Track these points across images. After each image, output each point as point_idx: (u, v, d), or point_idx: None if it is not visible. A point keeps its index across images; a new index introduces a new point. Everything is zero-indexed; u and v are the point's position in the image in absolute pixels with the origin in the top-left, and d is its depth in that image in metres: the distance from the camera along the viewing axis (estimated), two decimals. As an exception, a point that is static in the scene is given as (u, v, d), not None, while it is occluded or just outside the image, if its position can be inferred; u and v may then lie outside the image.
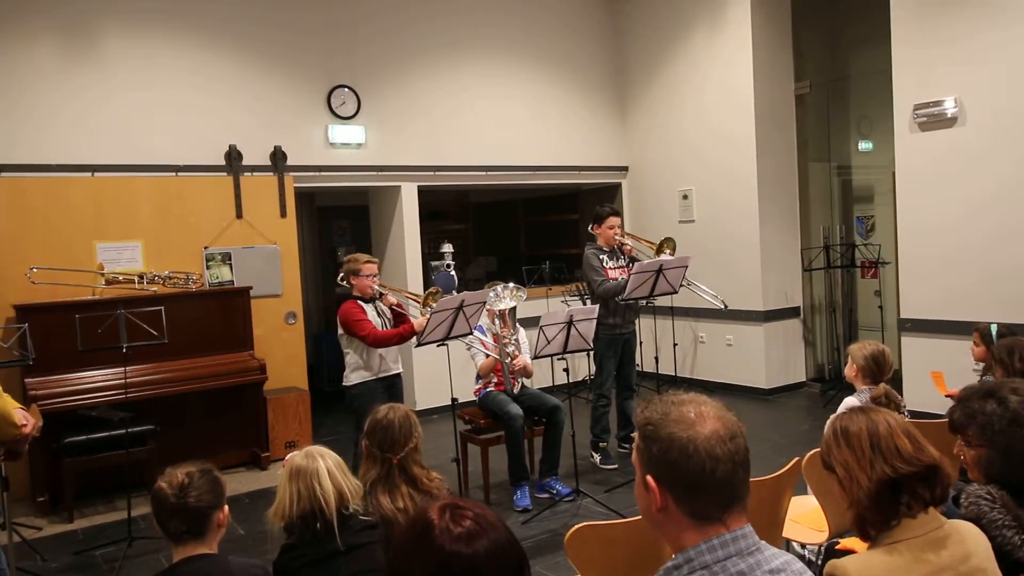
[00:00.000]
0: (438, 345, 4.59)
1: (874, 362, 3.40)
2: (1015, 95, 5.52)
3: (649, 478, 1.36)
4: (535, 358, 4.94)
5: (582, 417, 5.91)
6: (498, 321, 5.10)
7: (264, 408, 6.09)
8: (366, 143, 7.21)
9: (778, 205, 7.63)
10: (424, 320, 4.57)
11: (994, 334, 4.10)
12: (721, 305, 6.23)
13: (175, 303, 5.73)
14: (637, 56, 8.58)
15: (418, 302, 4.97)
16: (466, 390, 5.32)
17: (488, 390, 5.13)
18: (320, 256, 9.68)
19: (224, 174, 6.48)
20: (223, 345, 6.00)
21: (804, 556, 3.11)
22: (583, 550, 2.39)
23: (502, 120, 7.99)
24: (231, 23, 6.56)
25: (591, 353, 5.43)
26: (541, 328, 4.62)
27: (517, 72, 8.12)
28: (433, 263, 7.75)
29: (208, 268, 6.28)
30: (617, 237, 5.75)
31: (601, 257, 5.68)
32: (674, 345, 7.99)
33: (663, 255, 5.78)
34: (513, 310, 5.15)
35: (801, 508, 3.26)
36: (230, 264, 6.36)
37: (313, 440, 6.18)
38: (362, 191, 8.05)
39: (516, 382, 5.15)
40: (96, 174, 5.95)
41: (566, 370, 5.13)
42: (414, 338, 4.71)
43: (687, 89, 8.01)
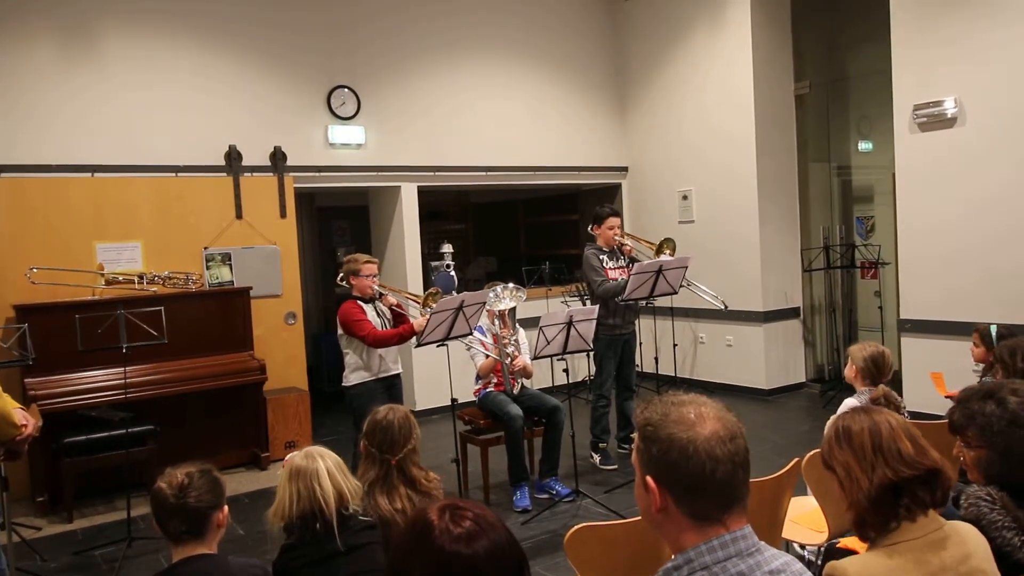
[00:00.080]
0: (438, 345, 4.59)
1: (873, 363, 3.40)
2: (1015, 95, 5.52)
3: (649, 479, 1.36)
4: (535, 358, 4.94)
5: (582, 418, 5.90)
6: (498, 321, 5.10)
7: (264, 408, 6.10)
8: (366, 143, 7.21)
9: (778, 205, 7.63)
10: (424, 320, 4.56)
11: (994, 335, 4.11)
12: (721, 305, 6.22)
13: (175, 303, 5.73)
14: (637, 56, 8.58)
15: (418, 302, 4.97)
16: (466, 390, 5.31)
17: (488, 390, 5.13)
18: (320, 256, 9.67)
19: (224, 174, 6.48)
20: (223, 345, 6.01)
21: (804, 557, 3.11)
22: (583, 551, 2.39)
23: (502, 120, 7.99)
24: (231, 23, 6.56)
25: (591, 354, 5.43)
26: (541, 328, 4.62)
27: (517, 72, 8.12)
28: (433, 263, 7.74)
29: (208, 268, 6.28)
30: (617, 237, 5.75)
31: (601, 257, 5.68)
32: (674, 346, 7.99)
33: (663, 255, 5.78)
34: (513, 310, 5.15)
35: (801, 509, 3.26)
36: (230, 264, 6.36)
37: (313, 440, 6.18)
38: (362, 191, 8.05)
39: (516, 383, 5.15)
40: (96, 174, 5.95)
41: (566, 371, 5.13)
42: (414, 338, 4.70)
43: (687, 89, 8.01)
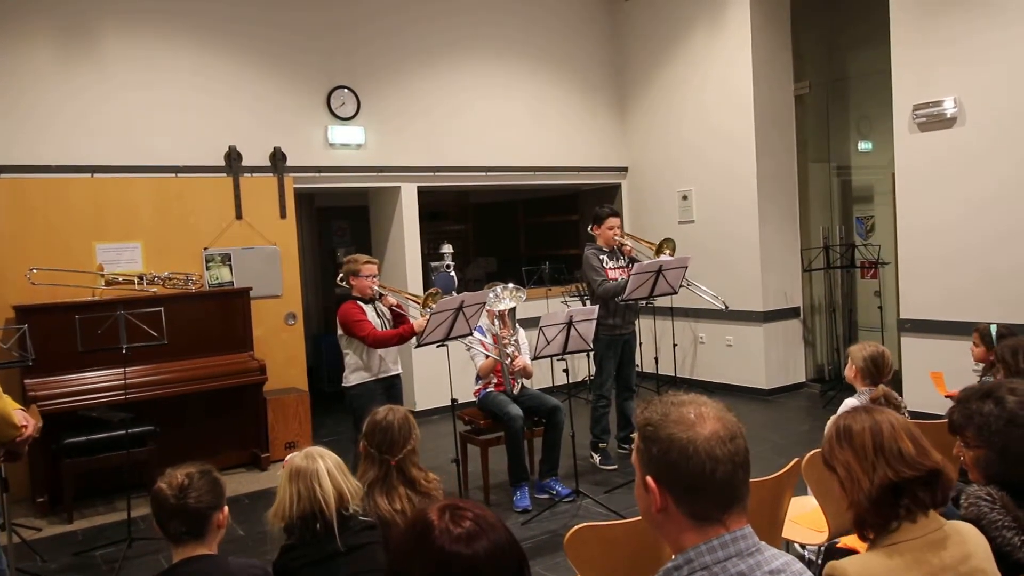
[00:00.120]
0: (438, 346, 4.59)
1: (873, 364, 3.40)
2: (1015, 95, 5.52)
3: (649, 479, 1.36)
4: (535, 359, 4.94)
5: (582, 418, 5.90)
6: (498, 322, 5.10)
7: (264, 409, 6.09)
8: (366, 144, 7.21)
9: (778, 205, 7.63)
10: (424, 321, 4.56)
11: (994, 334, 4.11)
12: (722, 306, 6.22)
13: (175, 304, 5.73)
14: (637, 56, 8.58)
15: (418, 303, 4.97)
16: (466, 391, 5.31)
17: (488, 391, 5.12)
18: (320, 257, 9.67)
19: (224, 175, 6.47)
20: (223, 346, 6.01)
21: (804, 556, 3.11)
22: (583, 551, 2.39)
23: (502, 120, 8.00)
24: (231, 23, 6.56)
25: (591, 354, 5.43)
26: (541, 329, 4.62)
27: (517, 72, 8.12)
28: (433, 264, 7.74)
29: (208, 269, 6.27)
30: (617, 238, 5.75)
31: (601, 257, 5.68)
32: (674, 346, 7.99)
33: (663, 256, 5.77)
34: (513, 311, 5.15)
35: (801, 508, 3.26)
36: (230, 265, 6.36)
37: (313, 441, 6.18)
38: (362, 192, 8.05)
39: (516, 383, 5.15)
40: (96, 175, 5.95)
41: (566, 371, 5.13)
42: (414, 339, 4.70)
43: (687, 89, 8.01)
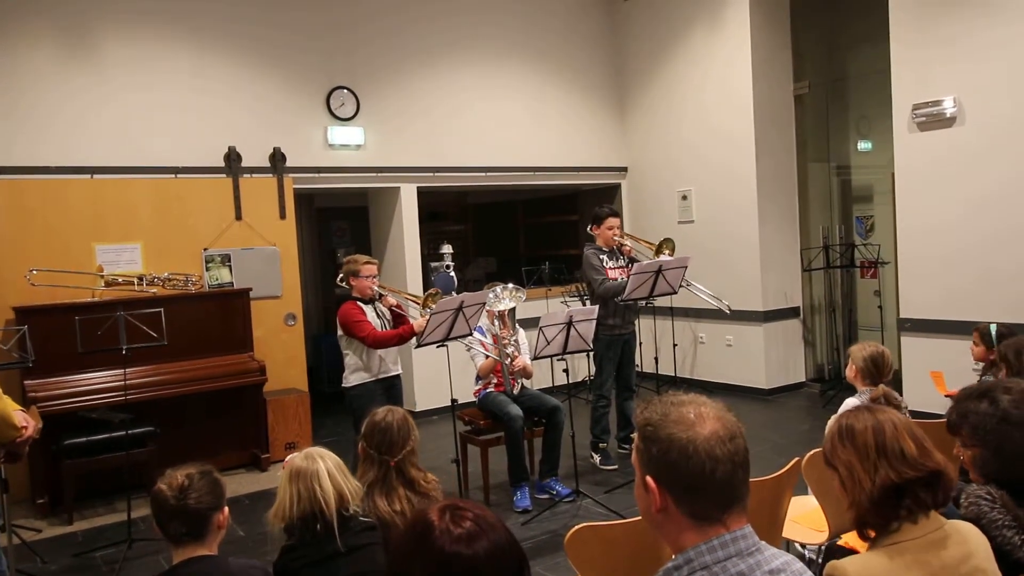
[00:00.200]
0: (438, 346, 4.59)
1: (873, 364, 3.40)
2: (1014, 95, 5.52)
3: (649, 479, 1.36)
4: (535, 359, 4.94)
5: (582, 418, 5.90)
6: (497, 322, 5.10)
7: (264, 409, 6.09)
8: (365, 144, 7.21)
9: (777, 205, 7.63)
10: (423, 321, 4.56)
11: (993, 334, 4.11)
12: (727, 310, 6.23)
13: (174, 305, 5.73)
14: (636, 56, 8.58)
15: (417, 303, 4.97)
16: (466, 391, 5.31)
17: (488, 391, 5.12)
18: (319, 257, 9.67)
19: (223, 176, 6.47)
20: (223, 347, 6.00)
21: (804, 556, 3.11)
22: (583, 551, 2.39)
23: (501, 121, 8.00)
24: (230, 24, 6.56)
25: (591, 354, 5.43)
26: (541, 329, 4.62)
27: (517, 72, 8.12)
28: (432, 264, 7.74)
29: (207, 270, 6.27)
30: (616, 238, 5.75)
31: (601, 257, 5.68)
32: (674, 346, 7.99)
33: (662, 256, 5.77)
34: (512, 311, 5.15)
35: (801, 508, 3.26)
36: (229, 266, 6.36)
37: (313, 441, 6.18)
38: (361, 192, 8.05)
39: (516, 383, 5.14)
40: (95, 176, 5.95)
41: (566, 371, 5.13)
42: (414, 339, 4.70)
43: (686, 89, 8.01)
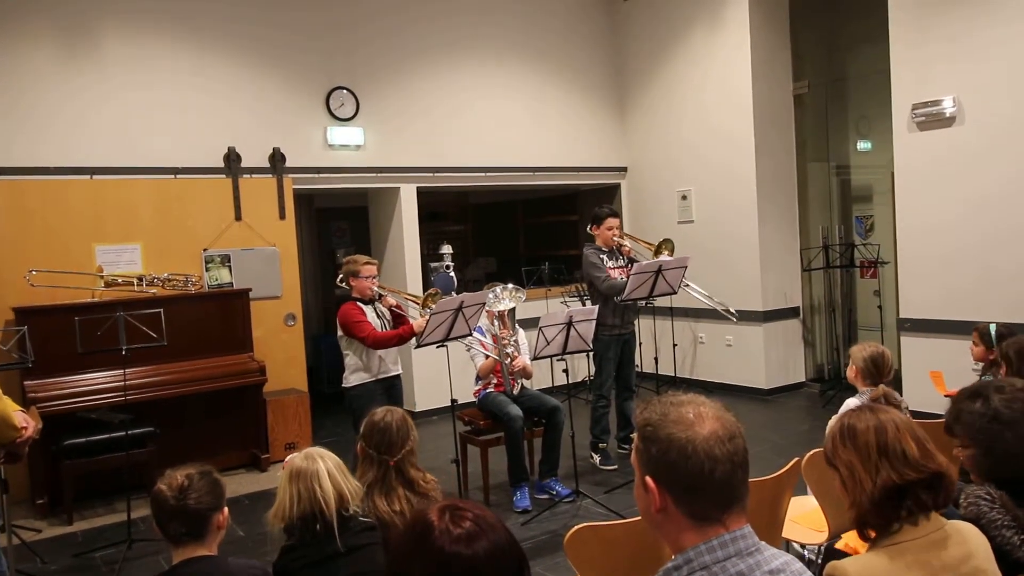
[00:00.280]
0: (437, 346, 4.59)
1: (873, 364, 3.40)
2: (1014, 94, 5.52)
3: (648, 479, 1.36)
4: (534, 359, 4.93)
5: (582, 418, 5.90)
6: (497, 322, 5.10)
7: (264, 410, 6.09)
8: (365, 144, 7.21)
9: (777, 205, 7.63)
10: (423, 321, 4.56)
11: (993, 334, 4.11)
12: (734, 319, 6.25)
13: (174, 305, 5.73)
14: (636, 56, 8.58)
15: (417, 303, 4.96)
16: (466, 391, 5.31)
17: (488, 391, 5.13)
18: (319, 258, 9.67)
19: (223, 176, 6.47)
20: (222, 347, 6.00)
21: (804, 556, 3.11)
22: (583, 551, 2.39)
23: (501, 121, 7.99)
24: (230, 23, 6.56)
25: (590, 354, 5.43)
26: (540, 329, 4.62)
27: (517, 72, 8.12)
28: (432, 264, 7.74)
29: (207, 270, 6.27)
30: (616, 238, 5.75)
31: (601, 257, 5.68)
32: (674, 346, 7.99)
33: (662, 256, 5.78)
34: (512, 311, 5.15)
35: (801, 508, 3.26)
36: (229, 266, 6.36)
37: (313, 442, 6.18)
38: (361, 192, 8.05)
39: (515, 383, 5.14)
40: (95, 176, 5.95)
41: (565, 371, 5.13)
42: (413, 339, 4.70)
43: (686, 89, 8.01)
